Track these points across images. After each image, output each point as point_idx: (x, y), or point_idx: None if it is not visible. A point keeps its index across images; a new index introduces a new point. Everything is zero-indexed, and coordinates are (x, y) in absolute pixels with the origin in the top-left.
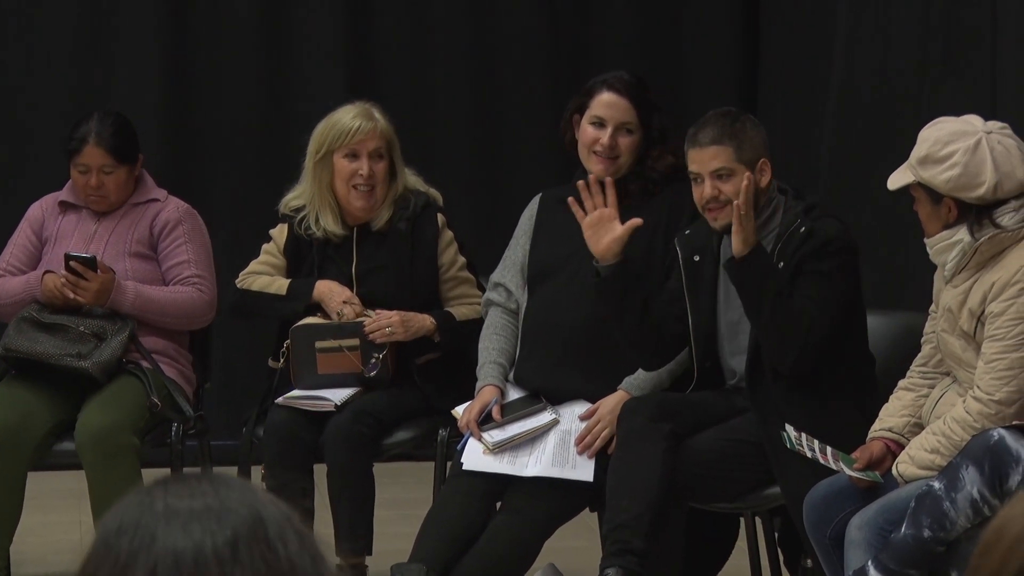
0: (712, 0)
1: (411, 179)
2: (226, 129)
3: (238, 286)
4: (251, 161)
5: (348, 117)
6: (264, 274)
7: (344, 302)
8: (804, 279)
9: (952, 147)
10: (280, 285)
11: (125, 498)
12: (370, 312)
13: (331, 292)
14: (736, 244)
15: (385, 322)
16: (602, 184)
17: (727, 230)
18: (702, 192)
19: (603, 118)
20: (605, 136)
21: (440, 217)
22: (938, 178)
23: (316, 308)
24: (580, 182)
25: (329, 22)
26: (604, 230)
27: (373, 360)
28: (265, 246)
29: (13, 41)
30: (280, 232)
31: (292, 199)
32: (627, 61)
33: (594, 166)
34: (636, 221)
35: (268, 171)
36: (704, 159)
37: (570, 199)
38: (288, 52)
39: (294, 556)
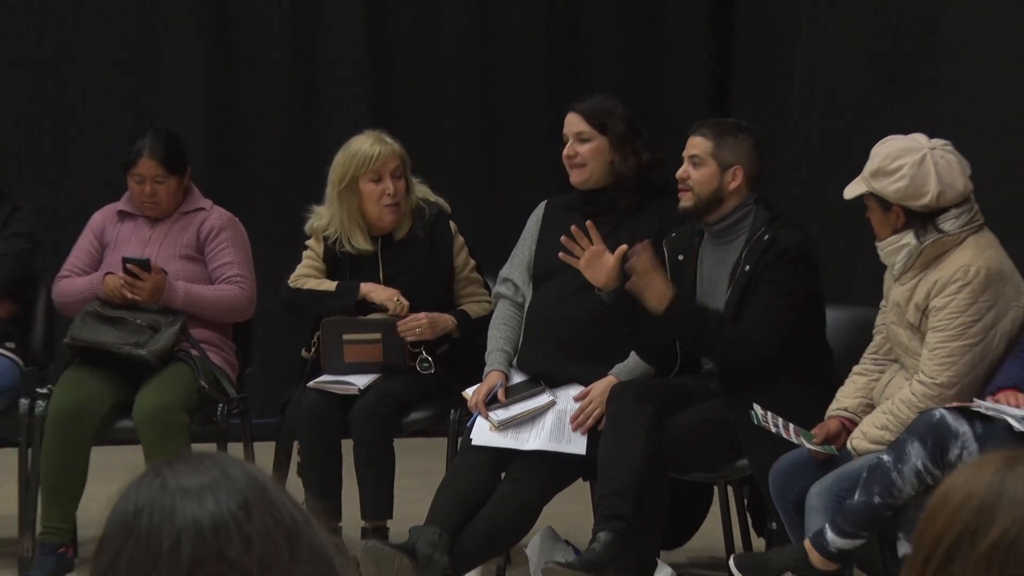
0: (688, 28)
1: (420, 189)
2: (262, 146)
3: (291, 286)
4: (284, 174)
5: (367, 145)
6: (312, 276)
7: (395, 298)
8: (763, 287)
9: (900, 161)
10: (329, 285)
11: (132, 483)
12: (390, 312)
13: (378, 288)
14: (651, 305)
15: (415, 324)
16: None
17: (687, 212)
18: (681, 174)
19: (565, 135)
20: (568, 146)
21: (452, 224)
22: (888, 189)
23: (365, 306)
24: (565, 237)
25: (353, 53)
26: (598, 264)
27: (426, 364)
28: (306, 253)
29: (73, 65)
30: (316, 243)
31: (318, 223)
32: (614, 81)
33: (571, 177)
34: (622, 248)
35: (299, 183)
36: (689, 144)
37: (563, 242)
38: (316, 79)
39: (294, 512)
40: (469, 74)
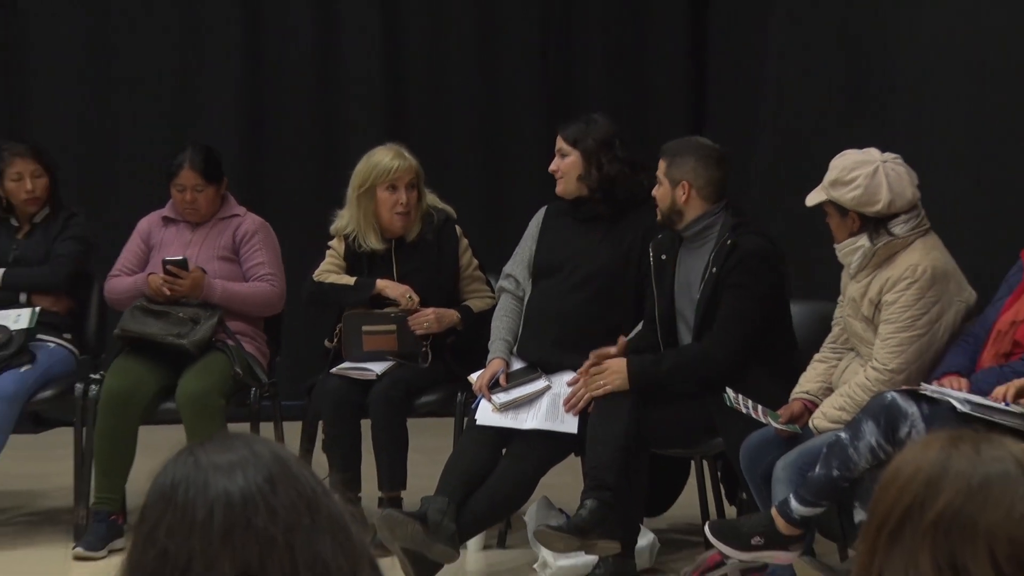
0: (668, 54)
1: (430, 197)
2: (290, 159)
3: (315, 280)
4: (309, 183)
5: (387, 158)
6: (334, 272)
7: (407, 295)
8: (727, 291)
9: (856, 173)
10: (348, 280)
11: (169, 461)
12: (404, 307)
13: (392, 284)
14: (621, 388)
15: (423, 318)
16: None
17: (661, 224)
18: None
19: (554, 153)
20: (554, 162)
21: (458, 228)
22: (845, 197)
23: (379, 300)
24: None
25: (370, 77)
26: (609, 376)
27: (424, 350)
28: (329, 251)
29: (123, 90)
30: (339, 243)
31: (340, 224)
32: (602, 101)
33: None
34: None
35: (323, 191)
36: (660, 167)
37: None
38: (338, 100)
39: (314, 485)
40: (473, 95)
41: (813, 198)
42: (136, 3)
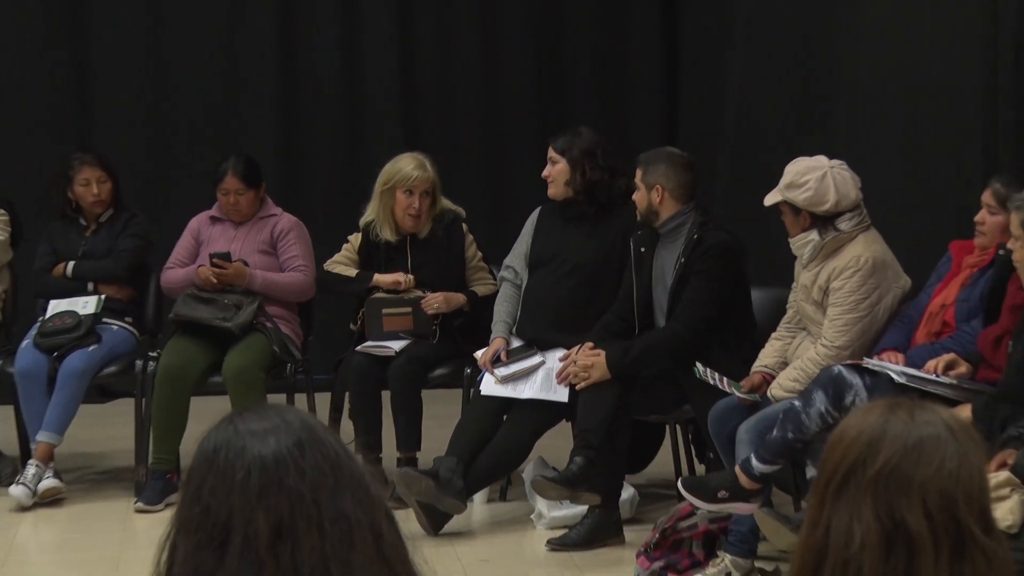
0: (645, 74)
1: (443, 200)
2: (320, 166)
3: (324, 268)
4: (336, 188)
5: (410, 167)
6: (342, 264)
7: (400, 281)
8: (693, 277)
9: (807, 177)
10: (351, 272)
11: (211, 428)
12: (420, 292)
13: (384, 276)
14: (603, 379)
15: (434, 301)
16: None
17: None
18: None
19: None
20: (546, 169)
21: (464, 226)
22: (798, 198)
23: (375, 290)
24: (567, 369)
25: (389, 95)
26: (594, 372)
27: (434, 328)
28: (345, 245)
29: (177, 108)
30: (356, 238)
31: (366, 215)
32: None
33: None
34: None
35: (348, 194)
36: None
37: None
38: (361, 116)
39: (338, 449)
40: (477, 112)
41: (770, 199)
42: (187, 32)
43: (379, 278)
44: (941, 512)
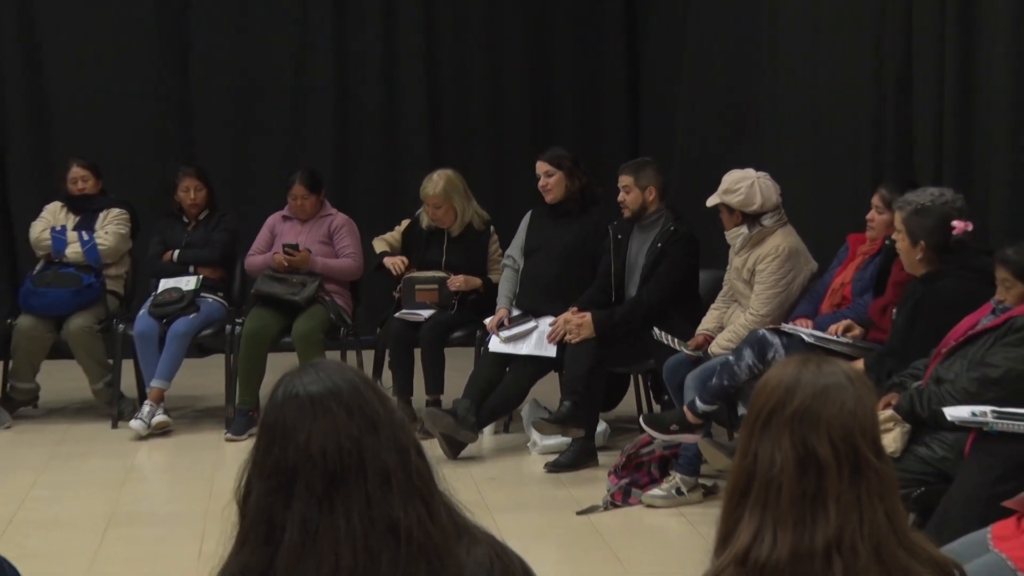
0: (612, 100)
1: (474, 205)
2: (366, 176)
3: (373, 242)
4: (378, 191)
5: (427, 185)
6: (384, 240)
7: (400, 263)
8: (665, 259)
9: (739, 184)
10: (382, 248)
11: (280, 378)
12: (445, 274)
13: (390, 258)
14: (589, 336)
15: (456, 281)
16: None
17: (629, 220)
18: (621, 199)
19: (538, 173)
20: (541, 181)
21: (491, 228)
22: (732, 200)
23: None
24: (559, 329)
25: (418, 115)
26: (581, 331)
27: (453, 302)
28: (396, 227)
29: (256, 127)
30: (403, 225)
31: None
32: (567, 133)
33: (545, 198)
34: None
35: (386, 199)
36: (620, 180)
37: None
38: (397, 131)
39: (376, 394)
40: (485, 131)
41: (711, 201)
42: (266, 70)
43: (387, 260)
44: (843, 442)
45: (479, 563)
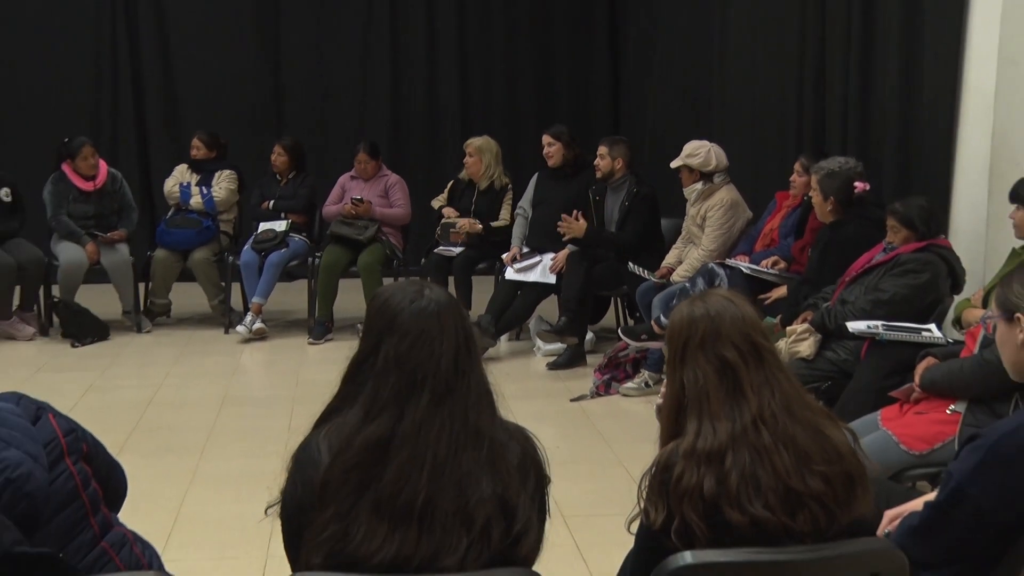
0: (600, 90)
1: (501, 168)
2: (413, 148)
3: (431, 202)
4: (420, 159)
5: (474, 137)
6: (438, 200)
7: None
8: (632, 213)
9: (699, 150)
10: (440, 205)
11: (378, 293)
12: (471, 220)
13: (453, 211)
14: (579, 235)
15: (463, 223)
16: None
17: (601, 179)
18: (596, 162)
19: (543, 143)
20: (545, 149)
21: (508, 187)
22: (692, 162)
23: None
24: (564, 218)
25: (453, 107)
26: (576, 229)
27: (477, 240)
28: (445, 190)
29: (335, 113)
30: (448, 186)
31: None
32: (565, 112)
33: (548, 163)
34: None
35: (426, 165)
36: (599, 150)
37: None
38: (437, 114)
39: (463, 309)
40: (502, 114)
41: (675, 163)
42: (342, 60)
43: (448, 212)
44: (744, 342)
45: (515, 454)
